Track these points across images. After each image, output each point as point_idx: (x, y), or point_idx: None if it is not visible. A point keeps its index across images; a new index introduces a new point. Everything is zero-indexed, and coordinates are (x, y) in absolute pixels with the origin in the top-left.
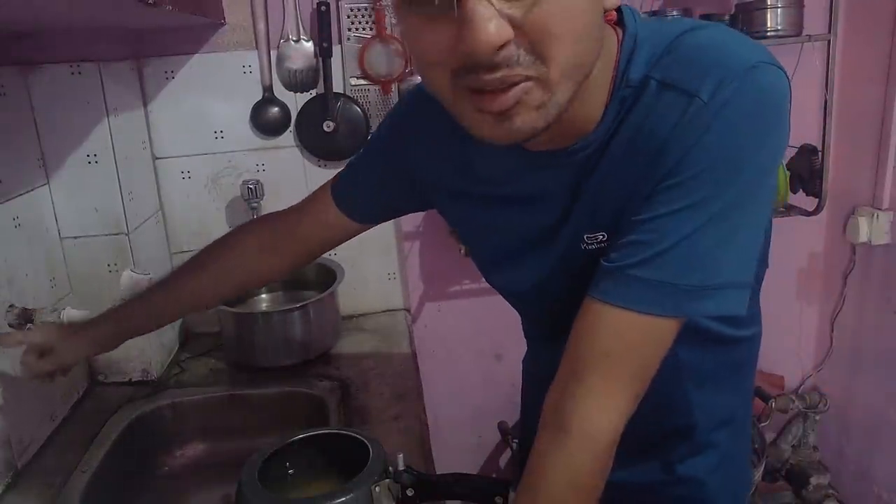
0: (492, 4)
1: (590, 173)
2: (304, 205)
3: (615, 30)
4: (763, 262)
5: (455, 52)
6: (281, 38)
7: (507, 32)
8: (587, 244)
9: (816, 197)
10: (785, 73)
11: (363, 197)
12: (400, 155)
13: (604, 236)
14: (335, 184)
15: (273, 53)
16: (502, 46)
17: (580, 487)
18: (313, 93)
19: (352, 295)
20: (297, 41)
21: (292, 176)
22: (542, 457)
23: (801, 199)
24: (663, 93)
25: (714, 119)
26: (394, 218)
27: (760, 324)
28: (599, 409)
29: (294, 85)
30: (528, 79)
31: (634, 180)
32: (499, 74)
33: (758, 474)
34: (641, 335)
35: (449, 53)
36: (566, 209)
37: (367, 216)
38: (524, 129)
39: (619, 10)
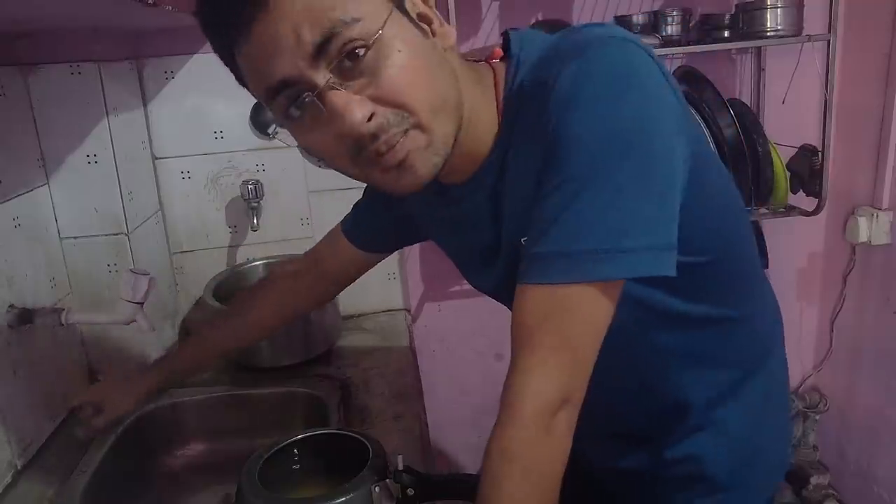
0: (343, 91)
1: (502, 189)
2: (319, 247)
3: (496, 64)
4: (745, 239)
5: (340, 142)
6: None
7: (368, 108)
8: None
9: (816, 197)
10: (640, 45)
11: (371, 230)
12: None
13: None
14: (344, 221)
15: None
16: (371, 119)
17: (511, 458)
18: None
19: (352, 295)
20: None
21: (292, 176)
22: (488, 439)
23: (801, 199)
24: (531, 91)
25: (567, 97)
26: (402, 247)
27: (759, 306)
28: (525, 382)
29: None
30: (405, 132)
31: (534, 176)
32: (382, 139)
33: None
34: (550, 306)
35: (337, 146)
36: (496, 226)
37: (377, 247)
38: (424, 172)
39: (506, 39)
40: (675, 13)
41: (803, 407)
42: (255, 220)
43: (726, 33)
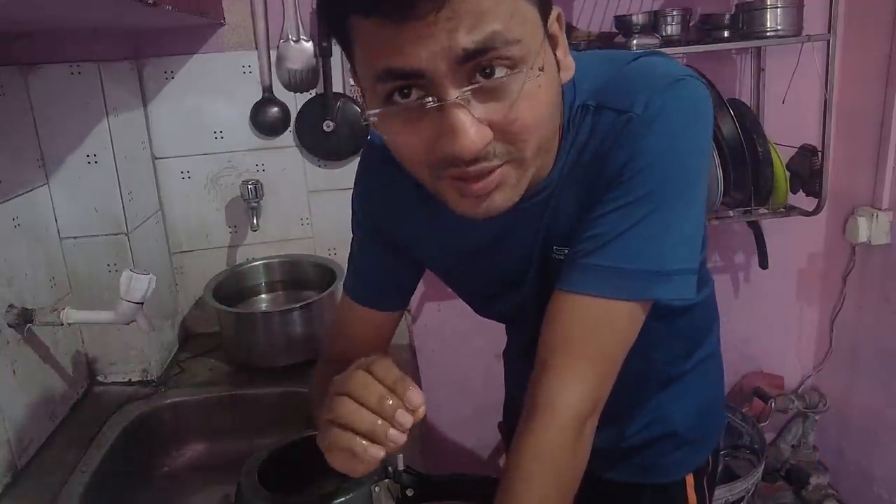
0: (470, 112)
1: (549, 202)
2: (339, 328)
3: None
4: (704, 239)
5: (435, 149)
6: (281, 38)
7: (487, 135)
8: (556, 255)
9: (816, 197)
10: (705, 84)
11: (380, 286)
12: (383, 231)
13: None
14: (350, 289)
15: (273, 53)
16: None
17: (546, 462)
18: (313, 93)
19: None
20: (297, 41)
21: (292, 176)
22: (515, 439)
23: (801, 199)
24: (600, 115)
25: (649, 126)
26: (412, 292)
27: (709, 284)
28: (562, 388)
29: (294, 85)
30: (504, 164)
31: (586, 192)
32: (479, 166)
33: (757, 474)
34: (595, 318)
35: (429, 151)
36: (535, 239)
37: (392, 302)
38: (502, 205)
39: None
40: (675, 13)
41: (803, 407)
42: (254, 220)
43: (726, 33)
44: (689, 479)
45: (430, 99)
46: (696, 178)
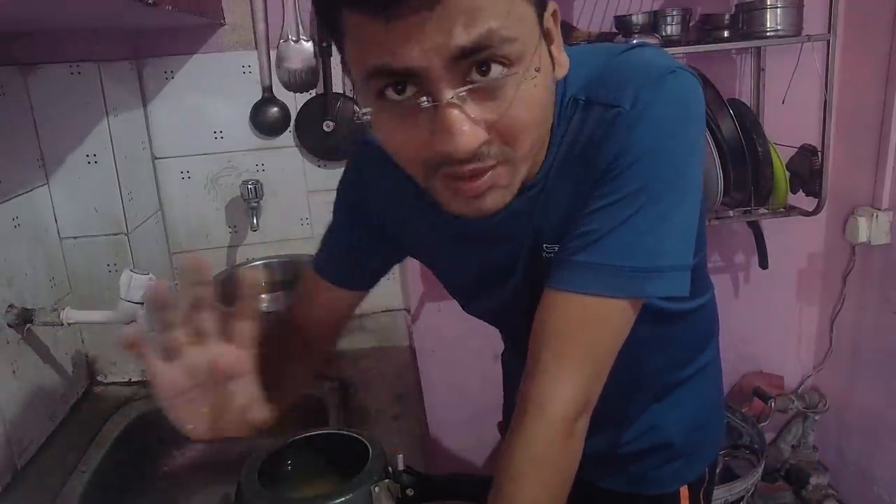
0: (465, 112)
1: (539, 198)
2: (297, 297)
3: None
4: (703, 239)
5: (428, 148)
6: (280, 38)
7: (481, 136)
8: (546, 253)
9: (816, 197)
10: (696, 77)
11: (347, 265)
12: (366, 215)
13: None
14: (316, 263)
15: (273, 53)
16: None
17: (537, 460)
18: (313, 93)
19: None
20: (297, 41)
21: (292, 176)
22: (506, 439)
23: (801, 199)
24: (589, 109)
25: (637, 121)
26: (382, 276)
27: (709, 294)
28: (551, 386)
29: (294, 85)
30: (495, 165)
31: (576, 189)
32: (472, 166)
33: (757, 474)
34: (586, 315)
35: (421, 149)
36: (525, 234)
37: (358, 282)
38: (494, 206)
39: None
40: (674, 13)
41: (803, 407)
42: (254, 220)
43: (726, 33)
44: (684, 492)
45: (425, 98)
46: (687, 173)
